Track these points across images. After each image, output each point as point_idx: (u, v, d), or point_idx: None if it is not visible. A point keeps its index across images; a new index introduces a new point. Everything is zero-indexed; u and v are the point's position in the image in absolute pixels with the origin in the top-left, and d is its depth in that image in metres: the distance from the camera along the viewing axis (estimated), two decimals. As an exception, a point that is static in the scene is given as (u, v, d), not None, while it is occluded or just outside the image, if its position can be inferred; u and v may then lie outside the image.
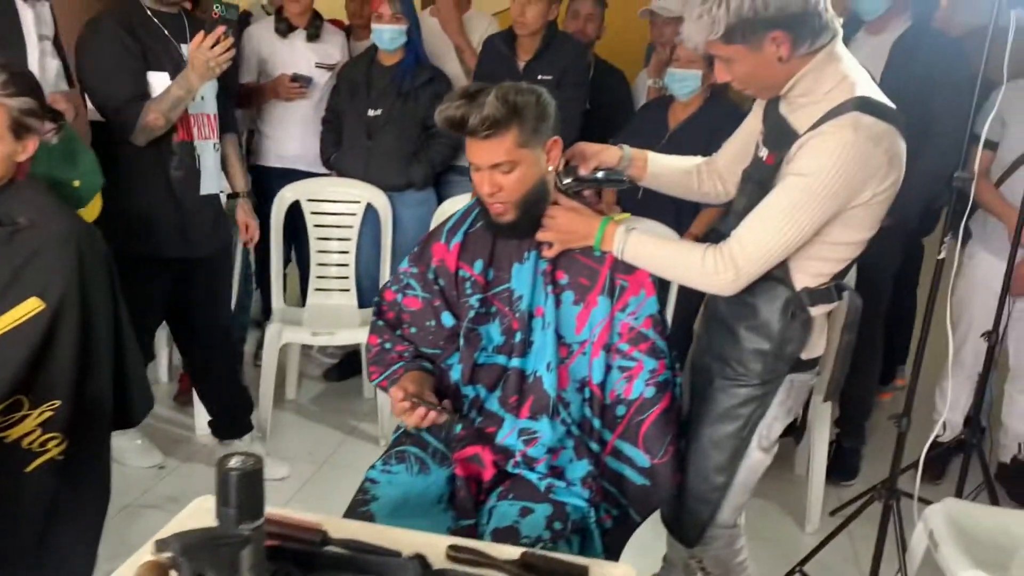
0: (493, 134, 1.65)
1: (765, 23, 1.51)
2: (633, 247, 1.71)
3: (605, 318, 1.75)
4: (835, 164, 1.51)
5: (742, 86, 1.67)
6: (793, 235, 1.58)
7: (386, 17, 3.26)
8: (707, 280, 1.68)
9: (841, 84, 1.56)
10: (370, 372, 1.92)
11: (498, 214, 1.74)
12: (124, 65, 2.47)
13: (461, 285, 1.83)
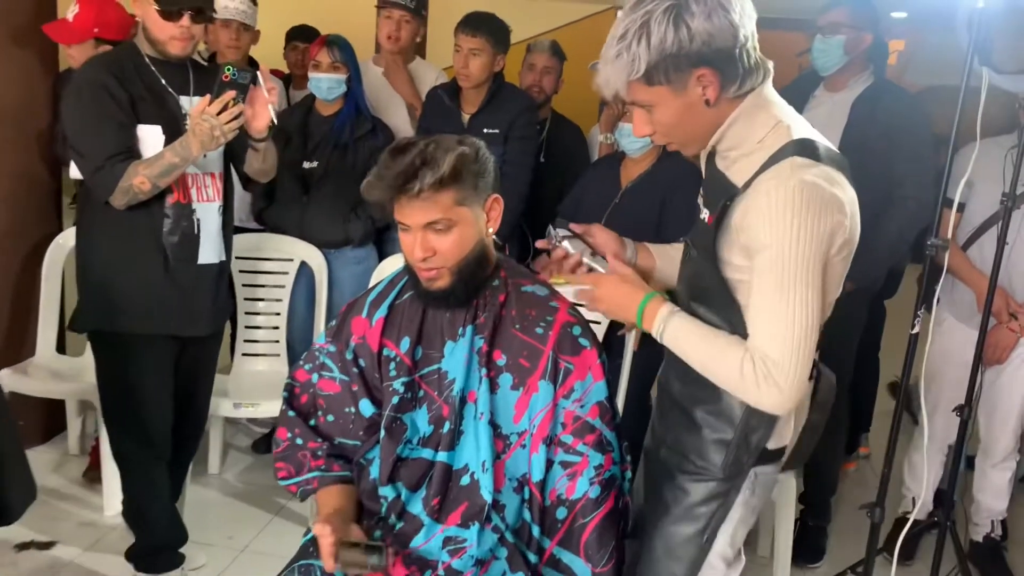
0: (431, 191, 1.45)
1: (690, 59, 1.34)
2: (673, 332, 1.46)
3: (547, 406, 1.54)
4: (795, 217, 1.31)
5: (665, 138, 1.48)
6: (804, 313, 1.34)
7: (324, 66, 3.07)
8: (750, 396, 1.40)
9: (776, 130, 1.39)
10: (277, 470, 1.67)
11: (430, 279, 1.53)
12: (108, 117, 2.17)
13: (385, 366, 1.61)
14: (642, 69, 1.35)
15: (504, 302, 1.60)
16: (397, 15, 3.28)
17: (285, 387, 1.70)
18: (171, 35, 2.19)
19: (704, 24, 1.31)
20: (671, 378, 1.61)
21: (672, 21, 1.31)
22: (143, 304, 2.27)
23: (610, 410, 1.58)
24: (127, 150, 2.18)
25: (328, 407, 1.66)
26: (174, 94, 2.27)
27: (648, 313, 1.48)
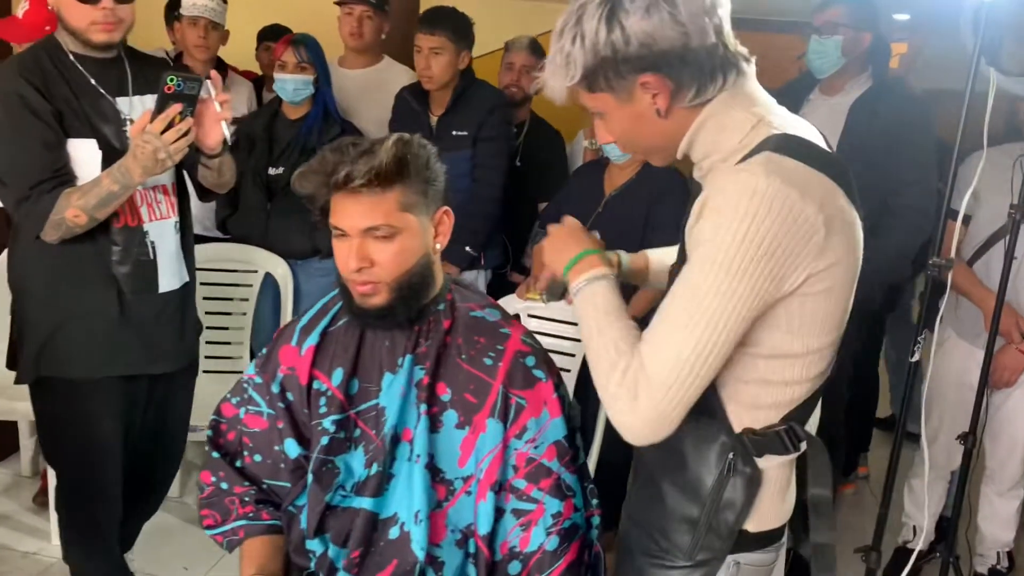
0: (371, 187, 1.28)
1: (630, 64, 1.11)
2: (590, 295, 1.21)
3: (496, 447, 1.36)
4: (743, 219, 1.04)
5: (627, 148, 1.30)
6: (708, 334, 1.07)
7: (290, 66, 2.90)
8: (607, 403, 1.15)
9: (757, 129, 1.14)
10: (203, 517, 1.49)
11: (364, 295, 1.35)
12: (28, 136, 1.81)
13: (315, 402, 1.43)
14: (579, 74, 1.14)
15: (449, 328, 1.42)
16: (358, 11, 3.11)
17: (210, 424, 1.52)
18: (92, 20, 1.83)
19: (641, 24, 1.09)
20: None
21: (605, 19, 1.10)
22: (95, 346, 1.95)
23: (570, 450, 1.40)
24: (56, 174, 1.83)
25: (255, 446, 1.48)
26: (109, 97, 1.92)
27: (579, 266, 1.25)
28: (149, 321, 2.00)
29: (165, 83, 1.72)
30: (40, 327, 1.95)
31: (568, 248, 1.29)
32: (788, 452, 1.20)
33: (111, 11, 1.82)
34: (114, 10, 1.83)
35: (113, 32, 1.86)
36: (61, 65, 1.88)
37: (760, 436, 1.19)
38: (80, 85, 1.89)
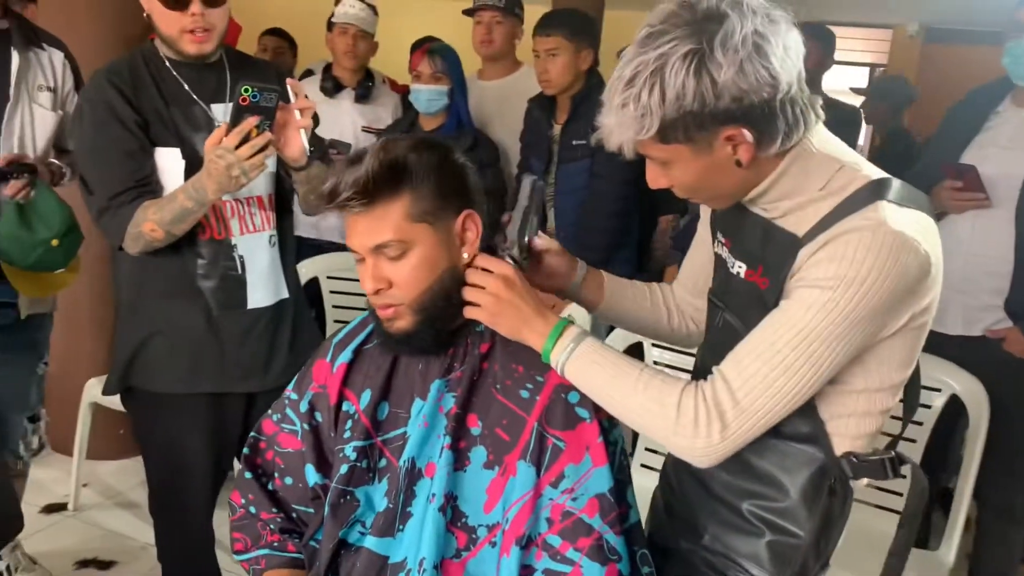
0: (370, 202, 1.15)
1: (716, 118, 1.05)
2: (580, 361, 1.16)
3: (526, 494, 1.18)
4: (869, 272, 1.04)
5: (686, 194, 1.18)
6: (808, 376, 1.09)
7: (425, 76, 2.85)
8: (679, 439, 1.12)
9: (842, 173, 1.12)
10: (234, 540, 1.40)
11: (388, 319, 1.22)
12: (112, 144, 1.75)
13: (341, 425, 1.30)
14: (654, 127, 1.05)
15: (487, 353, 1.25)
16: (487, 17, 3.02)
17: (248, 441, 1.43)
18: (181, 27, 1.74)
19: (734, 77, 1.02)
20: None
21: (693, 71, 1.02)
22: (179, 361, 1.88)
23: (617, 507, 1.19)
24: (138, 184, 1.77)
25: (286, 467, 1.38)
26: (203, 103, 1.84)
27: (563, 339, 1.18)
28: (237, 338, 1.89)
29: (240, 95, 1.61)
30: (128, 339, 1.91)
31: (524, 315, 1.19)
32: (888, 478, 1.20)
33: (200, 16, 1.74)
34: (203, 15, 1.74)
35: (204, 43, 1.78)
36: (155, 71, 1.83)
37: (863, 461, 1.18)
38: (172, 92, 1.83)
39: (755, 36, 1.02)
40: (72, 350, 3.19)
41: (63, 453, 3.13)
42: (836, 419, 1.18)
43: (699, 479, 1.30)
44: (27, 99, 2.08)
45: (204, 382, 1.89)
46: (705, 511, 1.30)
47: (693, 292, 1.44)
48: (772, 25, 1.04)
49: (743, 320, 1.19)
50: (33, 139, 2.10)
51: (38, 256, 2.03)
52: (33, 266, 2.05)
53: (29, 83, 2.09)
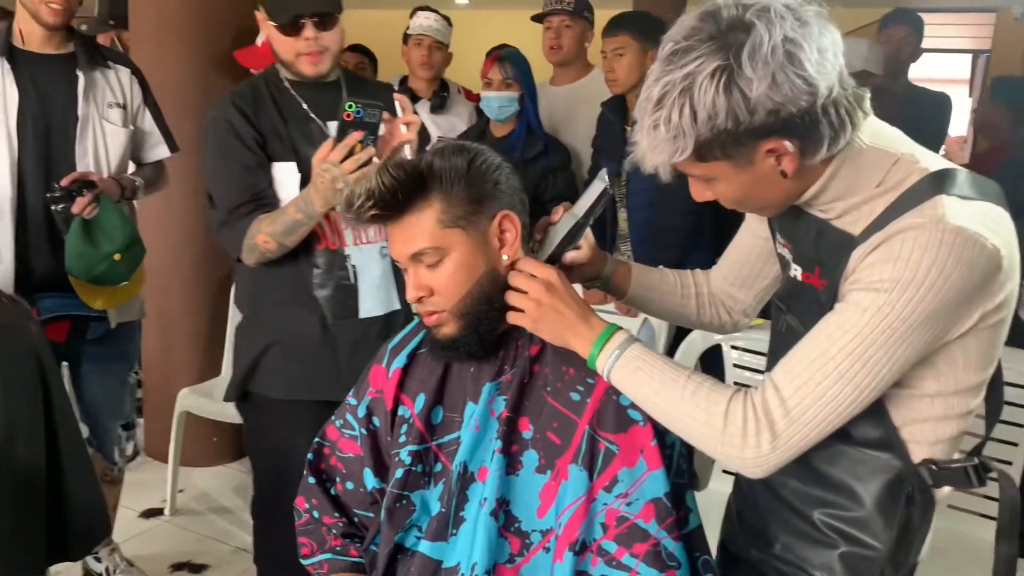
0: (400, 210, 1.16)
1: (753, 133, 1.00)
2: (625, 368, 1.13)
3: (579, 499, 1.16)
4: (927, 272, 0.99)
5: (733, 206, 1.14)
6: (865, 383, 1.03)
7: (495, 83, 2.87)
8: (728, 449, 1.08)
9: (898, 166, 1.07)
10: (300, 545, 1.43)
11: (433, 325, 1.23)
12: (232, 160, 1.85)
13: (397, 429, 1.31)
14: (689, 148, 1.01)
15: (537, 355, 1.24)
16: (556, 21, 3.01)
17: (313, 447, 1.46)
18: (297, 51, 1.82)
19: (767, 91, 0.97)
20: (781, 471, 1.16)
21: (723, 88, 0.97)
22: (293, 369, 1.93)
23: (674, 511, 1.16)
24: (254, 198, 1.84)
25: (348, 472, 1.40)
26: (319, 120, 1.89)
27: (609, 343, 1.15)
28: (349, 347, 1.92)
29: (344, 110, 1.66)
30: (248, 348, 1.97)
31: (568, 321, 1.16)
32: (973, 486, 1.12)
33: (314, 40, 1.80)
34: (317, 39, 1.81)
35: (319, 64, 1.84)
36: (276, 92, 1.91)
37: (944, 469, 1.11)
38: (291, 110, 1.89)
39: (786, 44, 0.96)
40: (166, 360, 3.34)
41: (160, 460, 3.26)
42: (911, 425, 1.12)
43: (769, 486, 1.25)
44: (97, 117, 2.18)
45: (317, 390, 1.92)
46: (776, 519, 1.25)
47: (732, 282, 1.40)
48: (803, 28, 0.98)
49: (804, 324, 1.15)
50: (107, 155, 2.20)
51: (102, 270, 2.13)
52: (97, 279, 2.14)
53: (98, 101, 2.19)
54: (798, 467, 1.16)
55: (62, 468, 1.70)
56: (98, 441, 2.35)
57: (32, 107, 2.09)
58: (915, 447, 1.12)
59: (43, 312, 2.13)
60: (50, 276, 2.11)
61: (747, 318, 1.48)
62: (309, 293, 1.90)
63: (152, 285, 3.31)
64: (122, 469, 2.45)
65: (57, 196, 2.04)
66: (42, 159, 2.10)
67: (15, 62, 2.08)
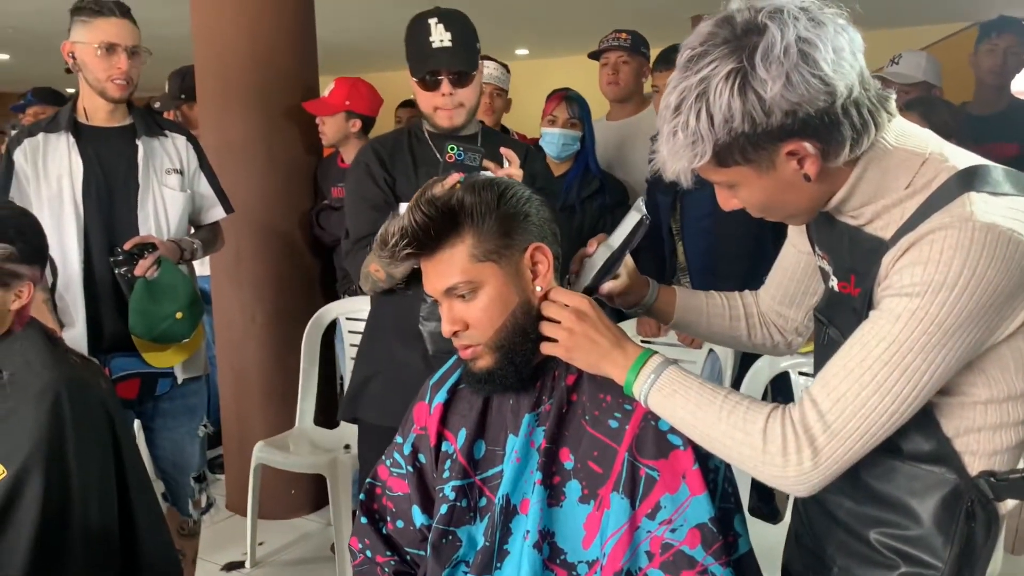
0: (432, 247, 1.17)
1: (771, 135, 0.98)
2: (662, 392, 1.12)
3: (623, 527, 1.13)
4: (960, 273, 0.95)
5: (760, 213, 1.12)
6: (906, 392, 0.99)
7: (560, 121, 2.91)
8: (769, 468, 1.05)
9: (927, 166, 1.03)
10: None
11: (469, 359, 1.23)
12: (363, 198, 1.99)
13: (441, 464, 1.31)
14: (708, 153, 1.00)
15: (574, 384, 1.23)
16: (613, 58, 3.04)
17: (364, 487, 1.47)
18: (434, 105, 1.94)
19: (782, 91, 0.96)
20: (830, 491, 1.14)
21: (738, 91, 0.97)
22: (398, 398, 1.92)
23: (720, 536, 1.12)
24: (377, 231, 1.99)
25: (397, 511, 1.40)
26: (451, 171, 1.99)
27: (644, 369, 1.14)
28: None
29: (446, 151, 1.76)
30: (358, 374, 2.09)
31: (602, 349, 1.16)
32: None
33: (449, 96, 1.92)
34: (453, 94, 1.92)
35: (454, 117, 1.95)
36: (416, 140, 2.04)
37: (1003, 480, 1.06)
38: (424, 157, 2.01)
39: (800, 43, 0.95)
40: (243, 415, 3.42)
41: (242, 514, 3.32)
42: (965, 435, 1.07)
43: (824, 507, 1.21)
44: (156, 183, 2.29)
45: None
46: (833, 542, 1.20)
47: (780, 300, 1.37)
48: (818, 28, 0.97)
49: (844, 335, 1.10)
50: (166, 218, 2.30)
51: (164, 328, 2.22)
52: (159, 338, 2.23)
53: (156, 168, 2.30)
54: (851, 486, 1.13)
55: (135, 523, 1.75)
56: (172, 495, 2.42)
57: (96, 176, 2.20)
58: (972, 459, 1.07)
59: (114, 371, 2.22)
60: (119, 337, 2.20)
61: (800, 337, 1.44)
62: (415, 326, 1.96)
63: (225, 341, 3.44)
64: (198, 521, 2.50)
65: (120, 259, 2.15)
66: (106, 225, 2.21)
67: (79, 136, 2.21)
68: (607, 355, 1.15)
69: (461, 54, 1.92)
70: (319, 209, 3.32)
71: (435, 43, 1.90)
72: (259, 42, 3.20)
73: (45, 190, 2.17)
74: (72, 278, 2.17)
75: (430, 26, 1.92)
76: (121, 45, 2.16)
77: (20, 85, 4.59)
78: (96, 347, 2.19)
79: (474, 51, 1.96)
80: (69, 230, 2.17)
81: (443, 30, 1.91)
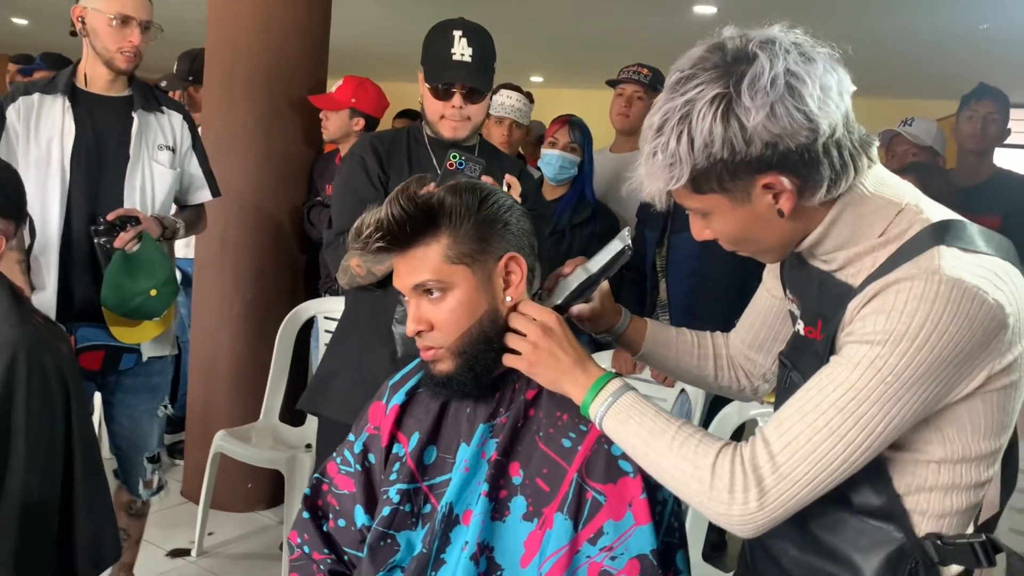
0: (406, 243, 1.16)
1: (749, 166, 0.98)
2: (617, 416, 1.10)
3: (562, 549, 1.11)
4: (922, 326, 0.94)
5: (736, 247, 1.11)
6: (858, 442, 0.97)
7: (561, 144, 2.92)
8: (715, 504, 1.02)
9: (902, 216, 1.03)
10: None
11: (430, 361, 1.22)
12: (353, 191, 1.97)
13: (390, 466, 1.29)
14: (684, 176, 0.99)
15: (534, 399, 1.21)
16: (629, 91, 3.06)
17: (311, 482, 1.44)
18: (441, 114, 1.93)
19: (764, 122, 0.95)
20: (776, 536, 1.13)
21: (720, 116, 0.96)
22: (359, 398, 1.87)
23: (660, 569, 1.10)
24: None
25: (340, 509, 1.37)
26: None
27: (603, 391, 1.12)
28: None
29: (448, 159, 1.79)
30: (325, 367, 2.07)
31: (563, 366, 1.14)
32: (981, 566, 1.06)
33: (459, 109, 1.92)
34: (463, 108, 1.92)
35: (459, 130, 1.95)
36: (414, 143, 2.03)
37: (949, 545, 1.04)
38: (420, 162, 2.00)
39: (787, 76, 0.95)
40: (211, 402, 3.38)
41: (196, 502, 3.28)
42: (916, 493, 1.05)
43: (769, 553, 1.19)
44: (147, 157, 2.28)
45: None
46: None
47: (750, 344, 1.36)
48: (808, 64, 0.97)
49: (806, 379, 1.08)
50: (152, 194, 2.28)
51: (136, 304, 2.19)
52: (130, 313, 2.20)
53: (149, 143, 2.28)
54: (798, 534, 1.11)
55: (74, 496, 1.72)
56: (124, 473, 2.38)
57: (87, 143, 2.19)
58: (920, 519, 1.05)
59: (80, 340, 2.19)
60: (89, 306, 2.18)
61: (767, 383, 1.43)
62: (388, 326, 1.94)
63: (201, 326, 3.41)
64: (147, 503, 2.46)
65: (101, 229, 2.12)
66: (91, 193, 2.19)
67: (76, 101, 2.20)
68: (567, 373, 1.13)
69: (480, 72, 1.92)
70: (311, 205, 3.32)
71: (456, 55, 1.90)
72: (271, 33, 3.21)
73: (34, 150, 2.16)
74: (49, 242, 2.15)
75: (454, 38, 1.91)
76: (136, 19, 2.16)
77: (37, 51, 4.58)
78: (65, 314, 2.16)
79: (491, 70, 1.97)
80: (53, 193, 2.15)
81: (466, 44, 1.91)
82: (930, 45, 5.99)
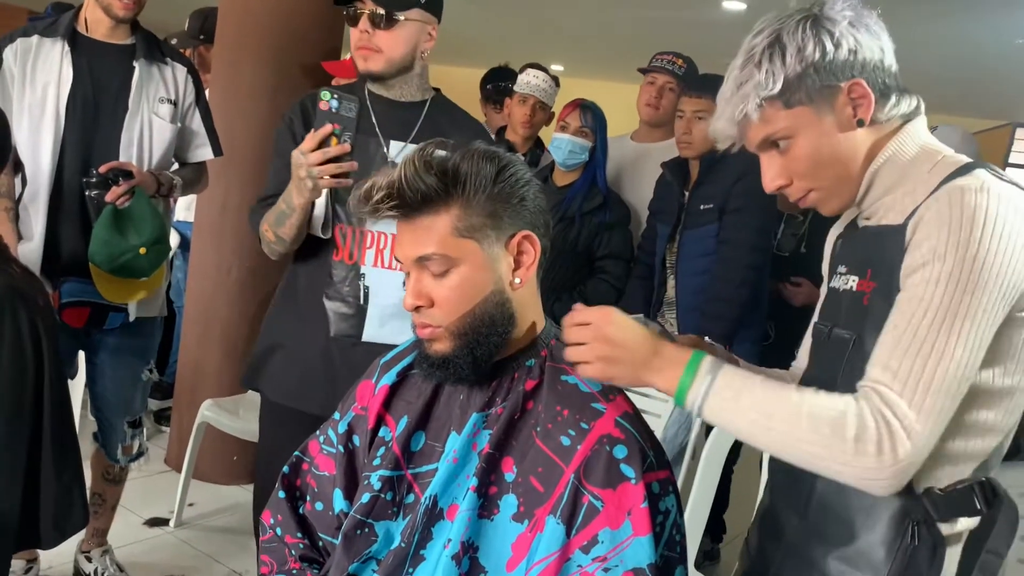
0: (415, 208, 1.07)
1: (837, 68, 1.06)
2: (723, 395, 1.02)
3: (553, 555, 1.03)
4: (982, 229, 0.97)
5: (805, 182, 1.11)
6: (966, 357, 0.97)
7: (572, 128, 2.81)
8: (863, 458, 0.97)
9: (943, 162, 1.08)
10: (261, 563, 1.32)
11: (426, 339, 1.13)
12: (279, 155, 1.84)
13: (375, 450, 1.20)
14: (778, 85, 1.06)
15: (533, 390, 1.12)
16: (661, 80, 2.95)
17: (291, 460, 1.35)
18: (353, 44, 1.76)
19: (849, 30, 1.07)
20: (780, 509, 1.16)
21: (810, 28, 1.07)
22: (292, 377, 1.86)
23: (659, 580, 1.02)
24: None
25: (319, 492, 1.29)
26: (381, 137, 1.81)
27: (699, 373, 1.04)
28: (347, 369, 1.77)
29: (319, 98, 1.62)
30: (264, 339, 1.94)
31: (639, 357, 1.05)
32: (980, 513, 1.04)
33: (366, 35, 1.74)
34: (371, 35, 1.73)
35: (368, 60, 1.76)
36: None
37: (946, 495, 1.04)
38: (362, 122, 1.79)
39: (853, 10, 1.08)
40: (202, 370, 3.30)
41: (179, 471, 3.20)
42: None
43: (776, 528, 1.19)
44: (147, 110, 2.17)
45: (311, 403, 1.82)
46: (785, 567, 1.17)
47: None
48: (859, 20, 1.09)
49: (852, 328, 1.10)
50: (150, 148, 2.19)
51: (125, 261, 2.09)
52: (118, 270, 2.10)
53: (150, 95, 2.18)
54: (802, 500, 1.13)
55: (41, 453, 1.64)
56: (103, 437, 2.30)
57: (84, 91, 2.10)
58: (918, 474, 1.01)
59: (64, 295, 2.10)
60: (76, 261, 2.09)
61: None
62: (320, 303, 1.82)
63: (196, 291, 3.33)
64: (125, 468, 2.38)
65: (93, 182, 2.03)
66: (85, 144, 2.10)
67: (76, 46, 2.10)
68: (646, 364, 1.05)
69: None
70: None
71: None
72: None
73: (29, 94, 2.07)
74: (39, 191, 2.06)
75: None
76: None
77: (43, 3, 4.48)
78: (51, 267, 2.08)
79: None
80: (45, 141, 2.06)
81: None
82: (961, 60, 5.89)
